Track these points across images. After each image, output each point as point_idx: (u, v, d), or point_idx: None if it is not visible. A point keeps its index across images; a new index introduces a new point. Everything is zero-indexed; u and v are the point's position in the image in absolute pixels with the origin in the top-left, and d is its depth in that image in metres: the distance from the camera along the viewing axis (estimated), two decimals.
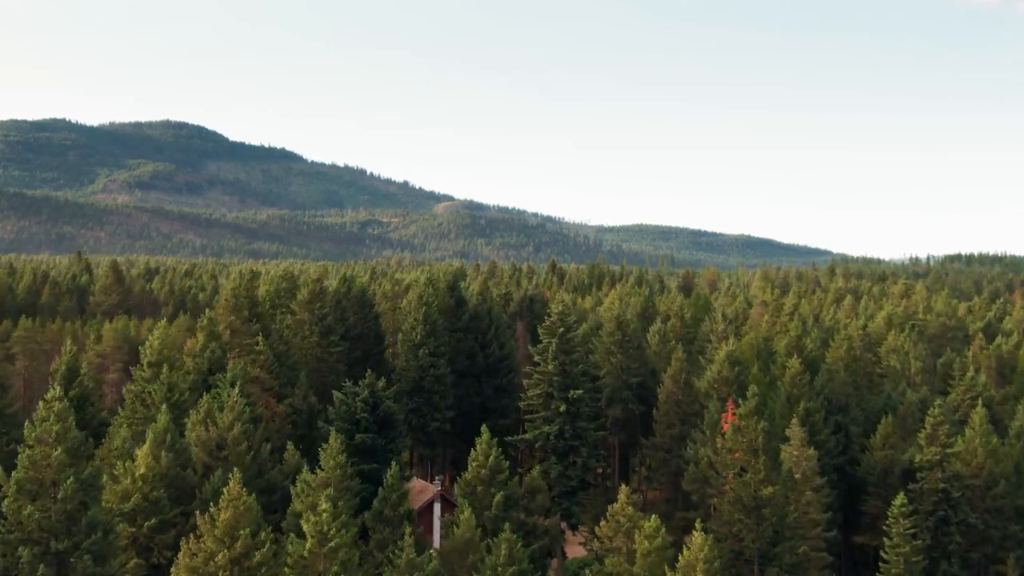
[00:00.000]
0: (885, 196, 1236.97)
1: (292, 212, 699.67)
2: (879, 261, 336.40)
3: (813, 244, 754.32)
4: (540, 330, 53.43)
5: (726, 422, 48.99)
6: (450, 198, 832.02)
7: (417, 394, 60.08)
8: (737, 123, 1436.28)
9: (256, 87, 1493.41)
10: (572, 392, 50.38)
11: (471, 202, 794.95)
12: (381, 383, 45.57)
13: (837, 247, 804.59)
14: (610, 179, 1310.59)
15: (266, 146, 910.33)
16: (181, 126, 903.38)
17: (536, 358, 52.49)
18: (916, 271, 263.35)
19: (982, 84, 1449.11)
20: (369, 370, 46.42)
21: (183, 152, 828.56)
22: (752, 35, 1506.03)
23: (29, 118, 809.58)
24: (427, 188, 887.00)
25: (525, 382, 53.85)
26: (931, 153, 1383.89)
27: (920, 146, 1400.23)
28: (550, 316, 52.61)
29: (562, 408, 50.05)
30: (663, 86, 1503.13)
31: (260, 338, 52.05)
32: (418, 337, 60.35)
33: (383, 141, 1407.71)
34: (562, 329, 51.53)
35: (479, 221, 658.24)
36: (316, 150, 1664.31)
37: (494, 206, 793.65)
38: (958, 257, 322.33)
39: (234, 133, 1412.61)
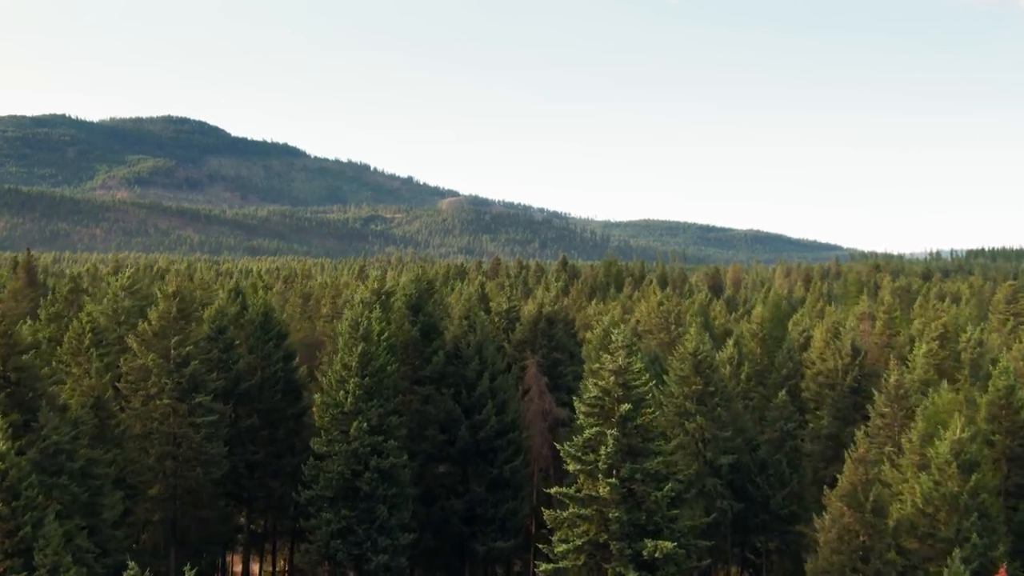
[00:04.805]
0: (890, 192, 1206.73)
1: (294, 208, 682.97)
2: (900, 257, 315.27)
3: (823, 239, 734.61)
4: (579, 407, 25.49)
5: None
6: (455, 193, 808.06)
7: (347, 503, 32.92)
8: (744, 120, 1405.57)
9: (258, 83, 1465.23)
10: (651, 545, 22.91)
11: (476, 197, 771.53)
12: None
13: (847, 242, 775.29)
14: (616, 175, 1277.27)
15: (268, 141, 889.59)
16: (182, 121, 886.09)
17: (572, 466, 24.79)
18: (946, 267, 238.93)
19: (983, 82, 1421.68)
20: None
21: (184, 148, 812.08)
22: (754, 35, 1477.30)
23: (29, 114, 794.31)
24: (431, 184, 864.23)
25: (546, 513, 25.57)
26: (936, 149, 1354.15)
27: (924, 143, 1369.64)
28: (600, 380, 24.57)
29: None
30: (670, 85, 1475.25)
31: None
32: (349, 400, 33.11)
33: (387, 137, 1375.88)
34: (627, 407, 23.98)
35: (484, 217, 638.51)
36: (319, 145, 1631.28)
37: (499, 201, 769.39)
38: (981, 252, 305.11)
39: (236, 128, 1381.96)
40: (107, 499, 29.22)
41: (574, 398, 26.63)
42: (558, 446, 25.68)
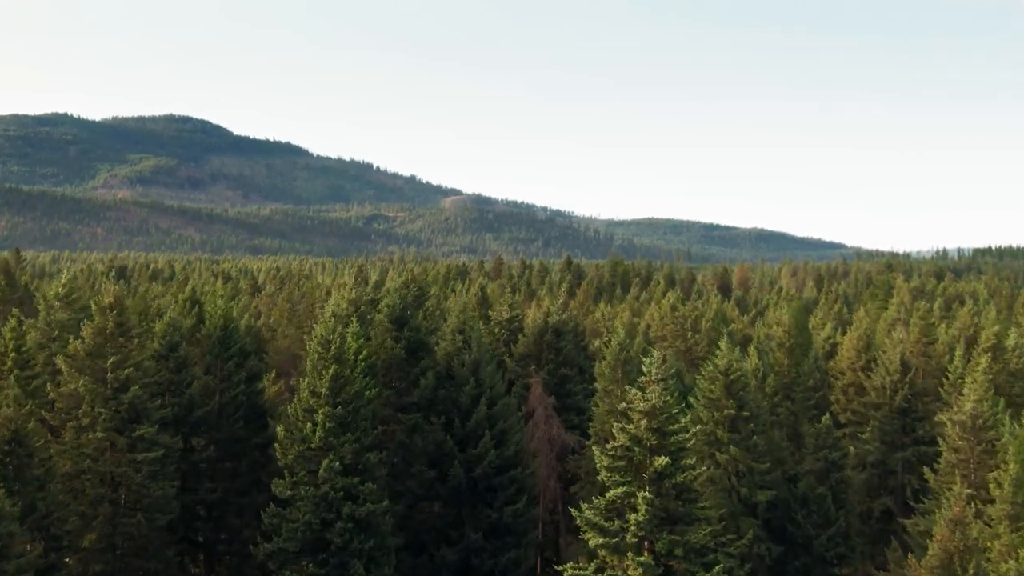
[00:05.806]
0: (892, 190, 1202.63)
1: (296, 207, 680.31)
2: (907, 255, 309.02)
3: (827, 238, 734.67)
4: (600, 459, 19.70)
5: None
6: (458, 192, 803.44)
7: (315, 558, 27.33)
8: (745, 120, 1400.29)
9: (260, 82, 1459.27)
10: None
11: (479, 196, 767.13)
12: None
13: (851, 240, 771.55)
14: (619, 173, 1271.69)
15: (271, 140, 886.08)
16: (185, 120, 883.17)
17: (592, 539, 19.05)
18: (955, 266, 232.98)
19: (983, 82, 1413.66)
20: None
21: (186, 147, 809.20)
22: (754, 35, 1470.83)
23: (31, 113, 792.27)
24: (434, 182, 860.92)
25: None
26: (936, 149, 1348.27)
27: (924, 142, 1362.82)
28: (629, 427, 18.85)
29: None
30: (670, 85, 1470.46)
31: None
32: (318, 434, 27.54)
33: (389, 136, 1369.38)
34: (663, 460, 18.35)
35: (487, 215, 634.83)
36: (321, 144, 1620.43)
37: (502, 200, 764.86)
38: (988, 251, 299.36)
39: (238, 127, 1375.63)
40: (12, 561, 23.70)
41: (594, 449, 20.89)
42: (574, 511, 19.89)
